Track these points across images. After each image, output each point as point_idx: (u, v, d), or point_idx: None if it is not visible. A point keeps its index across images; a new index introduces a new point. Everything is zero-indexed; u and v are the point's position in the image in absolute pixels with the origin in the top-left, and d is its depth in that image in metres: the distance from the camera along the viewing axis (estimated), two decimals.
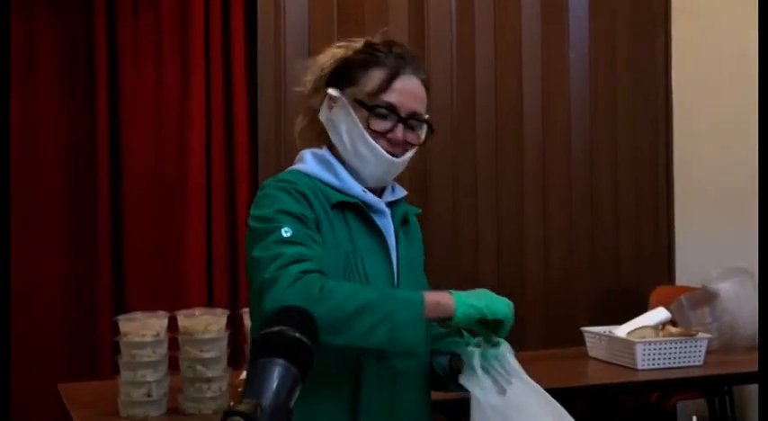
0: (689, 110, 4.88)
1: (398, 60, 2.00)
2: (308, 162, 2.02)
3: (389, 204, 2.07)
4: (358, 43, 2.07)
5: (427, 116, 2.05)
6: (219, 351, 2.87)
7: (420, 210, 2.20)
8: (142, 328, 2.83)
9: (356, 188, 2.00)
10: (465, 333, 2.08)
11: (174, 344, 2.91)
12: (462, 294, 1.85)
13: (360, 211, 1.98)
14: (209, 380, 2.83)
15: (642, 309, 4.36)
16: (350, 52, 2.05)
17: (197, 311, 2.93)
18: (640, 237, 4.91)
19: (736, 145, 4.69)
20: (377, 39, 2.07)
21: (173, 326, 2.93)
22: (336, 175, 2.00)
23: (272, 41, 4.26)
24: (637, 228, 4.90)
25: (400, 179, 2.12)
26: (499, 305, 1.88)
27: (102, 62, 4.22)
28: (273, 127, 4.24)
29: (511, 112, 4.67)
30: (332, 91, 2.01)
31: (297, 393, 1.16)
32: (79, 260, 4.27)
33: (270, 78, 4.25)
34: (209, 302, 4.23)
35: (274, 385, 1.13)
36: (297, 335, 1.19)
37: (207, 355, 2.84)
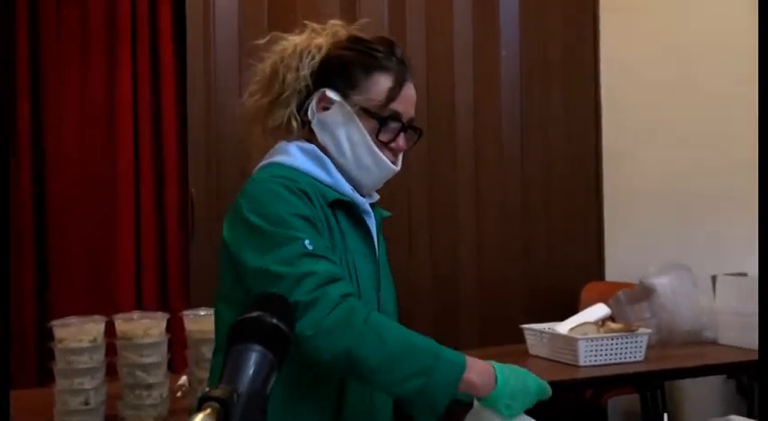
0: (618, 107, 4.91)
1: (402, 66, 1.93)
2: (297, 157, 1.90)
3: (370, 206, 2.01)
4: (338, 31, 1.97)
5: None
6: (160, 356, 2.77)
7: (390, 214, 2.13)
8: (78, 334, 2.72)
9: (346, 186, 1.92)
10: None
11: (111, 350, 2.80)
12: (504, 374, 1.73)
13: (350, 211, 1.91)
14: (149, 386, 2.73)
15: (574, 305, 4.38)
16: (337, 46, 1.93)
17: (135, 315, 2.82)
18: (571, 233, 4.92)
19: (665, 141, 4.72)
20: (353, 30, 1.98)
21: (109, 330, 2.82)
22: (328, 173, 1.91)
23: (202, 33, 4.14)
24: (568, 224, 4.91)
25: None
26: (534, 396, 1.75)
27: (23, 58, 4.06)
28: (204, 124, 4.13)
29: (443, 112, 4.63)
30: (331, 94, 1.90)
31: (273, 380, 1.14)
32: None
33: (199, 71, 4.13)
34: (139, 306, 4.11)
35: (251, 371, 1.12)
36: (274, 321, 1.17)
37: (147, 360, 2.74)
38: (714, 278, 3.78)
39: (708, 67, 4.45)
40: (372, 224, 1.97)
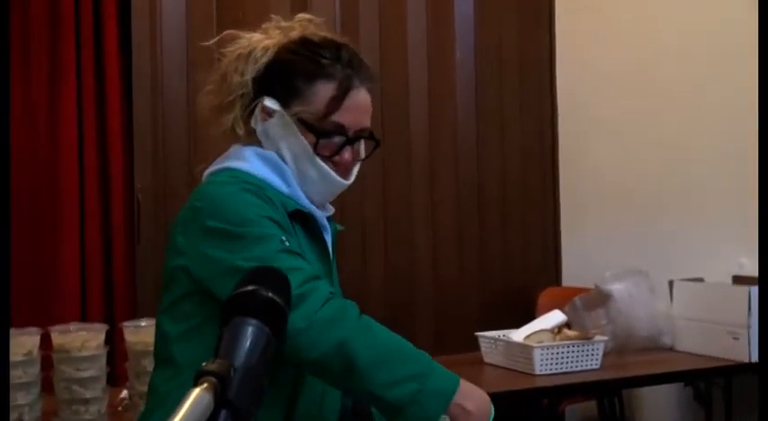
0: (574, 108, 4.86)
1: (347, 70, 1.79)
2: (253, 163, 1.79)
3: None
4: (293, 32, 1.85)
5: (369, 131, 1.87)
6: (98, 369, 2.66)
7: (343, 228, 2.03)
8: (12, 347, 2.59)
9: (304, 199, 1.81)
10: None
11: (48, 363, 2.68)
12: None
13: (308, 224, 1.80)
14: (86, 401, 2.63)
15: (531, 310, 4.32)
16: (283, 49, 1.82)
17: (72, 326, 2.71)
18: (528, 238, 4.86)
19: (622, 143, 4.67)
20: (310, 29, 1.86)
21: (46, 343, 2.70)
22: (287, 183, 1.80)
23: (148, 32, 4.03)
24: (524, 229, 4.85)
25: None
26: None
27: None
28: (150, 131, 4.02)
29: (397, 114, 4.54)
30: (269, 103, 1.78)
31: (270, 354, 1.12)
32: None
33: (145, 72, 4.02)
34: (83, 315, 3.98)
35: (247, 345, 1.10)
36: (270, 294, 1.14)
37: (84, 374, 2.63)
38: (671, 283, 3.73)
39: (668, 64, 4.39)
40: (329, 239, 1.87)
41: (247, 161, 1.80)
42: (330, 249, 1.87)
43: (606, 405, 4.38)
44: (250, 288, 1.15)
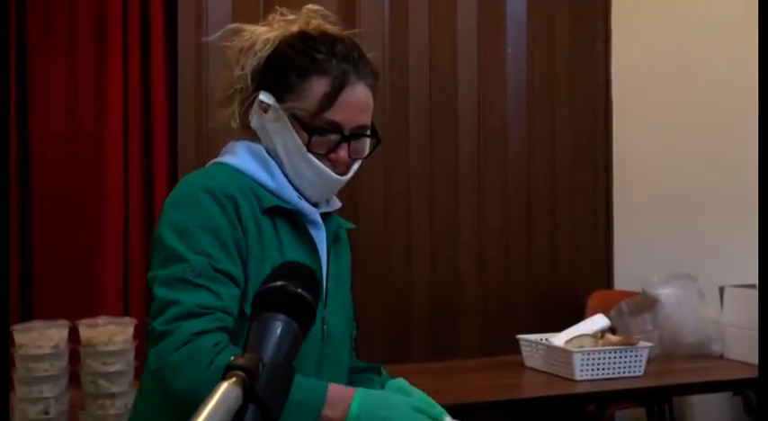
0: (629, 109, 4.74)
1: (343, 65, 1.74)
2: (241, 155, 1.77)
3: (322, 216, 1.84)
4: (294, 25, 1.80)
5: (370, 128, 1.80)
6: (125, 364, 2.64)
7: (354, 226, 1.97)
8: (39, 339, 2.59)
9: (292, 194, 1.77)
10: (383, 371, 1.90)
11: (76, 357, 2.67)
12: (362, 403, 1.58)
13: (293, 220, 1.76)
14: (112, 395, 2.61)
15: (580, 314, 4.21)
16: (283, 43, 1.77)
17: (100, 320, 2.69)
18: (578, 240, 4.74)
19: (677, 145, 4.55)
20: (313, 24, 1.80)
21: (76, 336, 2.69)
22: (272, 176, 1.76)
23: (194, 28, 4.01)
24: (574, 230, 4.74)
25: None
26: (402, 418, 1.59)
27: (10, 56, 3.94)
28: (194, 122, 4.00)
29: (446, 113, 4.47)
30: (264, 97, 1.75)
31: (299, 350, 1.13)
32: None
33: (191, 69, 4.01)
34: (126, 309, 3.98)
35: (275, 340, 1.11)
36: (299, 290, 1.15)
37: (110, 369, 2.61)
38: (722, 289, 3.61)
39: (723, 70, 4.27)
40: (321, 236, 1.81)
41: (237, 156, 1.78)
42: (324, 246, 1.81)
43: (656, 412, 4.28)
44: (279, 283, 1.15)
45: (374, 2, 4.33)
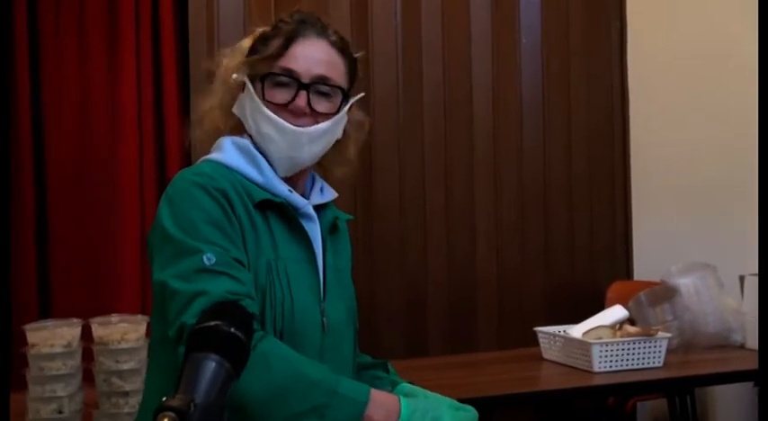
0: (645, 97, 4.68)
1: (298, 25, 1.77)
2: (228, 151, 1.77)
3: (317, 208, 1.83)
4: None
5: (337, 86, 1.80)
6: (138, 362, 2.62)
7: (352, 217, 1.97)
8: (51, 338, 2.58)
9: (281, 186, 1.76)
10: (391, 369, 1.88)
11: (89, 355, 2.66)
12: (409, 410, 1.58)
13: (284, 213, 1.75)
14: (126, 393, 2.59)
15: (599, 304, 4.18)
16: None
17: (113, 318, 2.67)
18: (596, 230, 4.69)
19: (695, 134, 4.49)
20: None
21: (89, 334, 2.68)
22: (260, 171, 1.76)
23: (205, 27, 4.00)
24: (592, 221, 4.69)
25: (340, 179, 1.90)
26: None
27: (22, 53, 3.93)
28: None
29: (460, 103, 4.43)
30: (234, 75, 1.79)
31: (230, 389, 1.15)
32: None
33: (202, 59, 3.98)
34: (143, 309, 3.97)
35: (207, 381, 1.12)
36: (232, 330, 1.17)
37: (124, 367, 2.59)
38: (742, 278, 3.57)
39: (741, 56, 4.21)
40: (315, 228, 1.80)
41: (224, 151, 1.78)
42: (318, 238, 1.80)
43: (677, 403, 4.24)
44: (212, 323, 1.17)
45: None
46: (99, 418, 2.60)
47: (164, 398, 1.05)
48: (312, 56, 1.76)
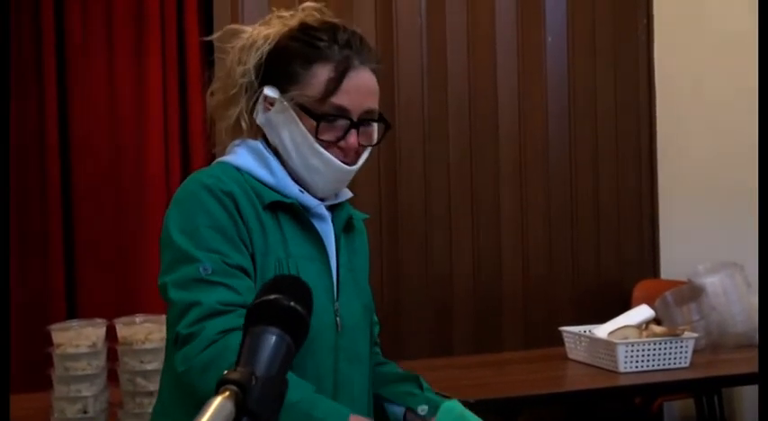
0: (672, 96, 4.64)
1: (345, 51, 1.73)
2: (240, 154, 1.77)
3: (331, 208, 1.83)
4: (293, 20, 1.80)
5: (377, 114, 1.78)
6: (162, 362, 2.63)
7: (368, 216, 1.96)
8: (76, 338, 2.60)
9: (292, 187, 1.76)
10: (425, 384, 1.86)
11: (114, 355, 2.67)
12: None
13: (296, 214, 1.75)
14: (150, 393, 2.59)
15: (625, 304, 4.16)
16: (284, 37, 1.77)
17: (138, 318, 2.68)
18: (623, 229, 4.66)
19: (722, 132, 4.46)
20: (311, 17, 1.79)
21: (114, 335, 2.69)
22: (271, 172, 1.76)
23: (229, 14, 4.00)
24: (619, 220, 4.66)
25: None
26: None
27: (50, 57, 3.96)
28: None
29: (485, 105, 4.41)
30: (269, 91, 1.74)
31: (291, 363, 1.14)
32: (30, 265, 4.01)
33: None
34: None
35: (269, 354, 1.11)
36: (292, 303, 1.16)
37: (148, 367, 2.60)
38: None
39: None
40: (327, 228, 1.80)
41: (236, 154, 1.78)
42: (331, 238, 1.80)
43: (705, 403, 4.21)
44: (272, 296, 1.16)
45: None
46: (124, 418, 2.61)
47: (225, 372, 1.05)
48: (361, 89, 1.73)
